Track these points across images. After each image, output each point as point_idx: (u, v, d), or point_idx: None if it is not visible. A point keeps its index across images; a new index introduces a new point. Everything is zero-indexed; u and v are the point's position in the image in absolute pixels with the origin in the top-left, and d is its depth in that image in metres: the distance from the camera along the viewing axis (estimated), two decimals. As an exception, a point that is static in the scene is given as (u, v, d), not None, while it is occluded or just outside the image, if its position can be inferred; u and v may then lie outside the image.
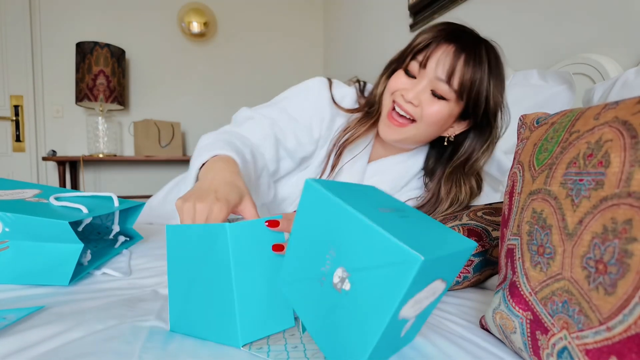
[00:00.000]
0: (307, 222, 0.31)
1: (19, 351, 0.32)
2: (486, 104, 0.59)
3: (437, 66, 0.56)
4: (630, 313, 0.24)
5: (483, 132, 0.64)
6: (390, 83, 0.61)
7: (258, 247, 0.36)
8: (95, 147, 2.13)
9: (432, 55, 0.57)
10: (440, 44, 0.57)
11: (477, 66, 0.56)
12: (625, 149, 0.27)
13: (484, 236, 0.54)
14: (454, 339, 0.38)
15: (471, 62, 0.56)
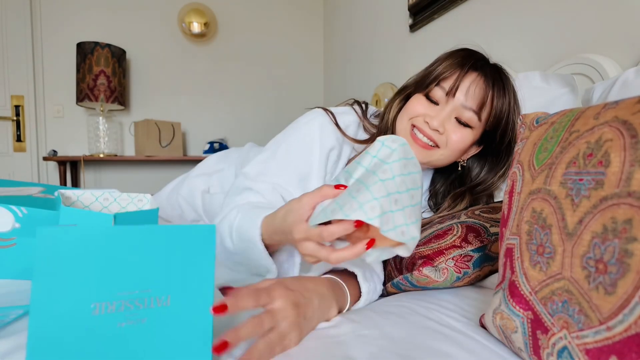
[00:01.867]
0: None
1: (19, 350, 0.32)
2: (509, 132, 0.60)
3: (467, 95, 0.56)
4: (631, 313, 0.24)
5: (500, 159, 0.64)
6: (409, 107, 0.60)
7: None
8: (96, 147, 2.13)
9: (461, 85, 0.56)
10: (469, 73, 0.57)
11: (505, 97, 0.57)
12: (625, 149, 0.27)
13: (482, 232, 0.54)
14: (454, 337, 0.38)
15: (501, 92, 0.57)
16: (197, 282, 0.31)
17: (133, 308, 0.29)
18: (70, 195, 0.49)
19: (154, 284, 0.29)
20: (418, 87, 0.61)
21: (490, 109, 0.57)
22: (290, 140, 0.62)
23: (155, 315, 0.30)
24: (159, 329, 0.30)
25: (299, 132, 0.62)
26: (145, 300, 0.29)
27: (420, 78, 0.61)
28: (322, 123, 0.62)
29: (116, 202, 0.53)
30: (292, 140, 0.62)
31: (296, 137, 0.62)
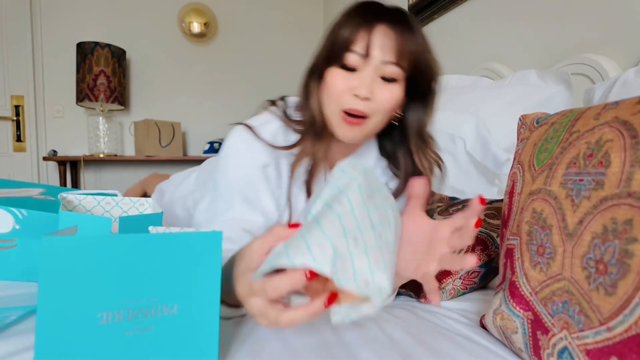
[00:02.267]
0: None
1: (20, 352, 0.32)
2: (429, 69, 0.57)
3: (383, 50, 0.52)
4: (631, 313, 0.24)
5: (425, 98, 0.61)
6: (330, 87, 0.54)
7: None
8: (96, 147, 2.13)
9: (372, 42, 0.52)
10: (376, 27, 0.52)
11: (415, 37, 0.53)
12: (625, 149, 0.27)
13: (490, 244, 0.53)
14: (454, 338, 0.38)
15: (410, 34, 0.53)
16: (203, 289, 0.31)
17: (140, 317, 0.29)
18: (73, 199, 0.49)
19: (160, 292, 0.29)
20: (329, 60, 0.55)
21: (408, 55, 0.53)
22: (224, 170, 0.58)
23: (162, 323, 0.30)
24: (165, 337, 0.30)
25: (230, 160, 0.58)
26: (152, 308, 0.29)
27: (328, 50, 0.55)
28: (246, 141, 0.57)
29: (118, 206, 0.53)
30: (227, 170, 0.58)
31: (229, 165, 0.57)
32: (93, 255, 0.27)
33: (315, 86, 0.58)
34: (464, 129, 0.89)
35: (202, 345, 0.31)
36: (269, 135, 0.58)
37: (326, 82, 0.55)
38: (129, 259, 0.28)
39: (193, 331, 0.31)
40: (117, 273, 0.28)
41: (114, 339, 0.28)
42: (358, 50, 0.52)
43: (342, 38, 0.53)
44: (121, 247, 0.28)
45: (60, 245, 0.26)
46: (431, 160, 0.63)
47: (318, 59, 0.57)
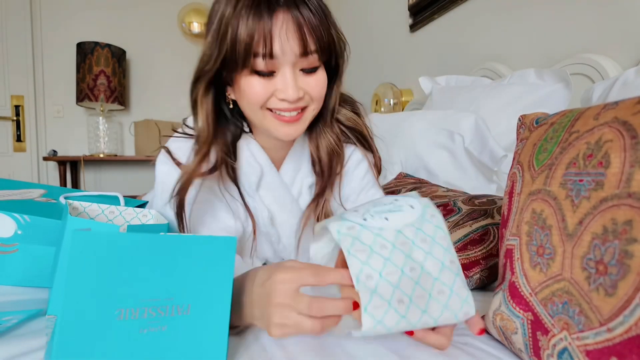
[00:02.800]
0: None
1: (20, 356, 0.32)
2: (336, 46, 0.51)
3: (292, 44, 0.46)
4: (631, 314, 0.24)
5: (333, 74, 0.55)
6: (251, 94, 0.48)
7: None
8: (95, 147, 2.14)
9: (273, 37, 0.44)
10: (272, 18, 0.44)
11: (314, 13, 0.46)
12: (625, 150, 0.27)
13: None
14: (454, 338, 0.38)
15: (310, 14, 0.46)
16: (216, 292, 0.32)
17: (155, 315, 0.29)
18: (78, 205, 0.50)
19: (176, 292, 0.30)
20: (231, 67, 0.47)
21: (314, 41, 0.47)
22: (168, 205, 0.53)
23: (175, 323, 0.30)
24: (178, 337, 0.30)
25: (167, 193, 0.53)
26: (167, 308, 0.30)
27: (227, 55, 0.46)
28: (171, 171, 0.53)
29: (121, 216, 0.53)
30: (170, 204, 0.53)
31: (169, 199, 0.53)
32: (119, 252, 0.28)
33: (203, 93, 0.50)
34: (462, 125, 0.89)
35: (211, 347, 0.31)
36: (184, 156, 0.53)
37: (242, 91, 0.49)
38: (150, 258, 0.29)
39: (204, 333, 0.31)
40: (138, 271, 0.29)
41: (129, 336, 0.28)
42: (264, 52, 0.45)
43: (240, 39, 0.44)
44: (144, 247, 0.29)
45: (89, 241, 0.27)
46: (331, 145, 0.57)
47: (211, 64, 0.48)
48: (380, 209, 0.35)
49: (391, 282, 0.31)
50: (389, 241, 0.32)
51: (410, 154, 0.96)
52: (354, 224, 0.33)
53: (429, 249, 0.33)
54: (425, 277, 0.33)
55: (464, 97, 1.08)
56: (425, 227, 0.34)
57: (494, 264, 0.52)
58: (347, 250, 0.31)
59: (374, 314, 0.31)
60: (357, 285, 0.31)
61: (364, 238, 0.32)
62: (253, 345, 0.36)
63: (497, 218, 0.55)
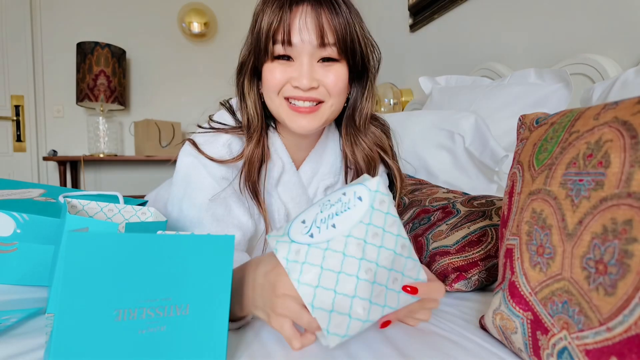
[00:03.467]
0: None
1: (19, 355, 0.32)
2: (360, 46, 0.52)
3: (312, 33, 0.48)
4: (631, 314, 0.24)
5: (361, 78, 0.57)
6: (268, 83, 0.51)
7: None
8: (95, 147, 2.14)
9: (292, 26, 0.47)
10: (294, 9, 0.47)
11: (338, 11, 0.48)
12: (625, 149, 0.27)
13: None
14: (453, 338, 0.38)
15: (334, 9, 0.48)
16: (215, 291, 0.31)
17: (154, 316, 0.29)
18: (77, 204, 0.50)
19: (175, 292, 0.30)
20: (258, 56, 0.51)
21: (339, 33, 0.49)
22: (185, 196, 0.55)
23: (174, 323, 0.30)
24: (177, 337, 0.30)
25: (188, 184, 0.54)
26: (165, 308, 0.30)
27: (254, 45, 0.51)
28: (196, 162, 0.54)
29: (120, 214, 0.53)
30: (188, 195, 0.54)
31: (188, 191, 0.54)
32: (116, 253, 0.28)
33: (250, 86, 0.55)
34: (463, 125, 0.89)
35: (211, 347, 0.31)
36: (218, 154, 0.54)
37: (264, 79, 0.52)
38: (148, 258, 0.29)
39: (203, 332, 0.31)
40: (136, 271, 0.28)
41: (128, 337, 0.28)
42: (282, 39, 0.48)
43: (263, 29, 0.48)
44: (141, 246, 0.29)
45: (85, 242, 0.27)
46: (366, 150, 0.59)
47: (245, 55, 0.54)
48: (327, 214, 0.33)
49: (348, 294, 0.32)
50: (339, 251, 0.32)
51: (411, 154, 0.96)
52: (300, 245, 0.32)
53: (380, 242, 0.33)
54: (381, 272, 0.33)
55: (464, 97, 1.09)
56: (375, 218, 0.33)
57: (492, 265, 0.52)
58: (297, 280, 0.31)
59: (337, 332, 0.31)
60: (313, 312, 0.31)
61: (312, 259, 0.32)
62: (253, 344, 0.36)
63: (495, 219, 0.56)
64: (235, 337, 0.37)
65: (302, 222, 0.34)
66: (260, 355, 0.34)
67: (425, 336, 0.38)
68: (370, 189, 0.34)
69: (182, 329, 0.30)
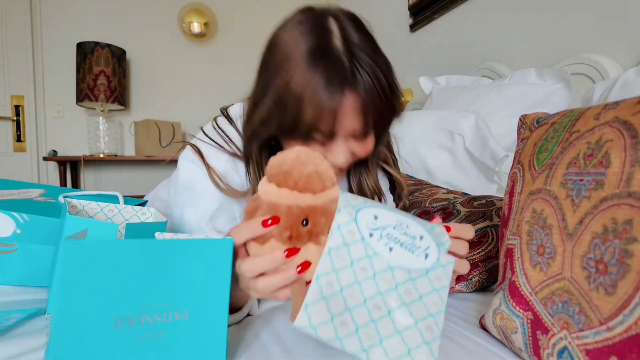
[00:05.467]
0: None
1: (20, 355, 0.32)
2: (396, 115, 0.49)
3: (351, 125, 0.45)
4: (631, 313, 0.24)
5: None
6: None
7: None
8: (96, 147, 2.13)
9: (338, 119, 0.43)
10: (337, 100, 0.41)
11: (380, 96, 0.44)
12: (625, 149, 0.27)
13: None
14: (454, 337, 0.38)
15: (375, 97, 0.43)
16: (213, 295, 0.31)
17: (152, 322, 0.29)
18: (77, 204, 0.49)
19: (173, 297, 0.30)
20: (284, 133, 0.46)
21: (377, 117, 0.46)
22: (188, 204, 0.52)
23: (172, 329, 0.30)
24: (175, 342, 0.30)
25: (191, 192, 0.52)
26: (164, 314, 0.29)
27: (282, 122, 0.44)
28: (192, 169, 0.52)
29: (120, 214, 0.53)
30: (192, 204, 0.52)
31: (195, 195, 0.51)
32: (113, 259, 0.27)
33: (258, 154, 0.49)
34: (463, 125, 0.89)
35: (210, 351, 0.31)
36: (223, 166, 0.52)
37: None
38: (146, 263, 0.29)
39: (202, 337, 0.31)
40: (133, 278, 0.28)
41: (126, 344, 0.28)
42: (325, 131, 0.44)
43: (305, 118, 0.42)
44: (138, 252, 0.28)
45: (80, 250, 0.26)
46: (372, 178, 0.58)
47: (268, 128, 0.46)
48: (396, 235, 0.32)
49: (347, 302, 0.30)
50: (374, 269, 0.30)
51: (411, 154, 0.96)
52: (357, 231, 0.31)
53: (408, 301, 0.30)
54: (387, 323, 0.30)
55: (464, 97, 1.08)
56: (420, 283, 0.31)
57: (493, 266, 0.52)
58: (330, 248, 0.30)
59: (312, 317, 0.29)
60: (314, 283, 0.29)
61: (353, 250, 0.30)
62: (253, 344, 0.36)
63: (495, 220, 0.56)
64: (235, 337, 0.38)
65: (374, 216, 0.32)
66: (260, 355, 0.34)
67: (425, 336, 0.38)
68: (440, 259, 0.32)
69: (180, 334, 0.30)
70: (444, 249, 0.32)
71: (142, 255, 0.28)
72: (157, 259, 0.29)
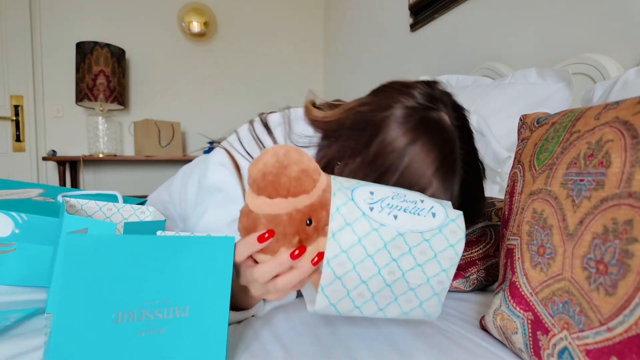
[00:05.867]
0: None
1: (19, 355, 0.32)
2: None
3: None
4: (631, 314, 0.24)
5: None
6: None
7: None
8: (95, 147, 2.13)
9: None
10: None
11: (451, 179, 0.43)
12: (625, 149, 0.27)
13: None
14: (454, 337, 0.38)
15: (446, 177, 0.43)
16: (214, 292, 0.31)
17: (153, 318, 0.29)
18: (75, 203, 0.49)
19: (174, 293, 0.30)
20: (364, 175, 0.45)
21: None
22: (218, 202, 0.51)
23: (173, 325, 0.30)
24: (176, 339, 0.30)
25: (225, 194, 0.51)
26: (165, 310, 0.29)
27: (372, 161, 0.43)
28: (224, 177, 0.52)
29: (119, 213, 0.53)
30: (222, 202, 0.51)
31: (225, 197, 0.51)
32: (114, 254, 0.28)
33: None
34: None
35: (210, 348, 0.31)
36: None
37: None
38: (147, 259, 0.29)
39: (203, 334, 0.31)
40: (135, 273, 0.28)
41: (126, 340, 0.28)
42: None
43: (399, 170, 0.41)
44: (140, 248, 0.28)
45: (82, 244, 0.27)
46: None
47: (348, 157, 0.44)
48: (396, 204, 0.32)
49: (361, 276, 0.30)
50: (383, 240, 0.31)
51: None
52: (357, 208, 0.31)
53: (423, 261, 0.31)
54: (401, 283, 0.31)
55: (465, 97, 1.08)
56: (435, 241, 0.31)
57: (491, 265, 0.52)
58: (332, 233, 0.30)
59: (329, 296, 0.30)
60: (325, 267, 0.29)
61: (357, 227, 0.30)
62: (253, 344, 0.36)
63: (495, 220, 0.56)
64: (235, 337, 0.37)
65: (370, 192, 0.32)
66: (260, 355, 0.34)
67: (425, 336, 0.38)
68: (448, 215, 0.32)
69: (181, 331, 0.30)
70: (448, 206, 0.33)
71: (143, 251, 0.29)
72: (159, 255, 0.29)
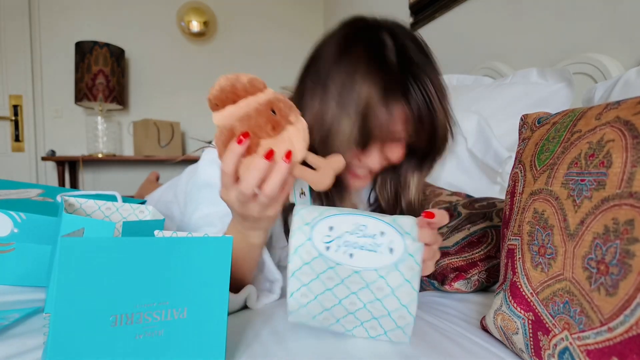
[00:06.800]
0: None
1: (18, 355, 0.32)
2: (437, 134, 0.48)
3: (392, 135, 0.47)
4: (632, 314, 0.24)
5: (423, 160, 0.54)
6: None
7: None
8: (94, 147, 2.13)
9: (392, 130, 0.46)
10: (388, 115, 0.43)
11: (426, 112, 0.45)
12: (627, 149, 0.27)
13: None
14: (454, 338, 0.38)
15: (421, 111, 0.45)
16: (212, 293, 0.31)
17: (151, 320, 0.29)
18: (74, 202, 0.49)
19: (172, 295, 0.30)
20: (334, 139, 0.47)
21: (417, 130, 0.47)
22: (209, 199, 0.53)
23: (172, 327, 0.30)
24: (175, 341, 0.30)
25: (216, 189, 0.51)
26: (162, 312, 0.29)
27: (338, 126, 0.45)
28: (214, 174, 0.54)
29: (118, 212, 0.53)
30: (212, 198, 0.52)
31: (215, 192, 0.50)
32: (110, 257, 0.27)
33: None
34: (465, 126, 0.89)
35: (209, 350, 0.31)
36: None
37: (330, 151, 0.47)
38: (144, 261, 0.28)
39: (201, 335, 0.31)
40: (131, 276, 0.28)
41: (124, 343, 0.28)
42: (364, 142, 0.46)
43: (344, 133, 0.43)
44: (138, 250, 0.28)
45: (77, 247, 0.26)
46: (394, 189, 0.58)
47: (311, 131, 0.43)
48: (354, 240, 0.32)
49: (324, 305, 0.34)
50: (340, 276, 0.33)
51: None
52: (314, 248, 0.33)
53: (382, 296, 0.32)
54: (363, 312, 0.34)
55: (466, 97, 1.08)
56: (392, 278, 0.32)
57: (492, 266, 0.52)
58: (292, 272, 0.33)
59: (300, 318, 0.36)
60: (289, 298, 0.34)
61: (315, 266, 0.33)
62: (253, 344, 0.36)
63: (496, 220, 0.56)
64: (235, 337, 0.37)
65: (329, 228, 0.33)
66: (260, 355, 0.34)
67: (426, 336, 0.38)
68: (407, 249, 0.32)
69: (179, 333, 0.30)
70: (410, 237, 0.32)
71: (140, 253, 0.28)
72: (156, 256, 0.29)
